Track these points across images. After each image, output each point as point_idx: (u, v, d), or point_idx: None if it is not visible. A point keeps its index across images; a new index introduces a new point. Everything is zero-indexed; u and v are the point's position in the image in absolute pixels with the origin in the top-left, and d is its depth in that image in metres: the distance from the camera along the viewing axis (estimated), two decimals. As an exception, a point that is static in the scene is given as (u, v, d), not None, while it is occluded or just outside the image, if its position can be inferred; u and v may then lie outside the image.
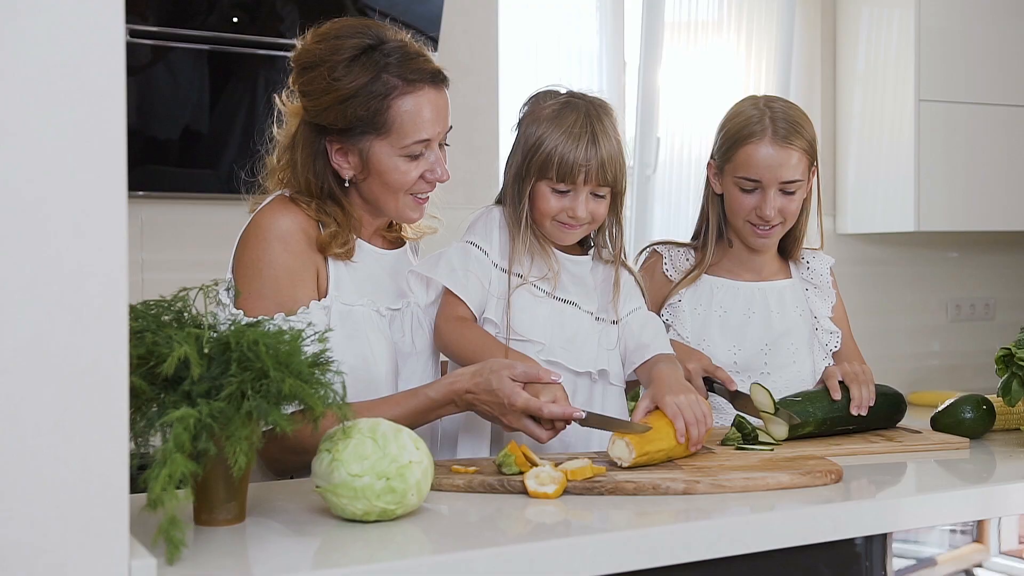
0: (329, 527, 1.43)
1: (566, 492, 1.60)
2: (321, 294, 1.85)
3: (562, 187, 1.92)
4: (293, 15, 3.77)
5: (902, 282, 4.77)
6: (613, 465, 1.72)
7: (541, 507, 1.56)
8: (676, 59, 4.40)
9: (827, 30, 4.64)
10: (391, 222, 2.01)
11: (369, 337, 1.86)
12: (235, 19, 3.42)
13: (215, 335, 1.38)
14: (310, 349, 1.48)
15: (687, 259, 2.33)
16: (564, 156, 1.89)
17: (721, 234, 2.31)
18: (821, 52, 4.63)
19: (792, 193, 2.19)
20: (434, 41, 3.66)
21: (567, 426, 1.77)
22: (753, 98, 2.27)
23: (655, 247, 2.36)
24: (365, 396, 1.83)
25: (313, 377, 1.37)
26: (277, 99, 1.96)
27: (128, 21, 3.20)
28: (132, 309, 1.40)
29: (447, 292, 1.95)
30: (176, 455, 1.23)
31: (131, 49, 3.23)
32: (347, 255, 1.88)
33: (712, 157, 2.29)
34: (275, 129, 1.97)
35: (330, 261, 1.87)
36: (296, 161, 1.89)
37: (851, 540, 1.59)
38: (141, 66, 3.36)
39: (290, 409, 1.39)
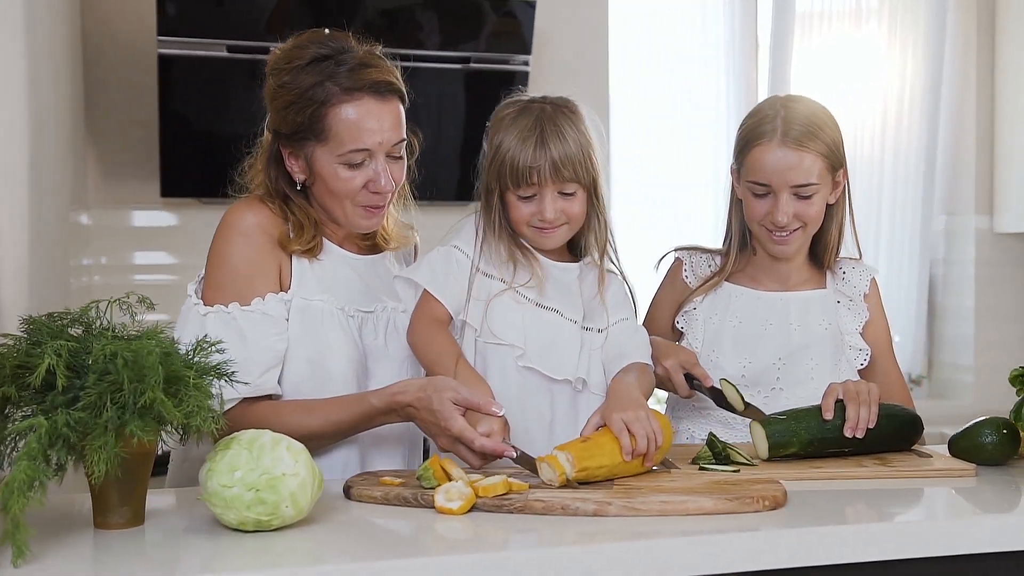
0: (218, 535, 1.46)
1: (476, 509, 1.57)
2: (283, 289, 1.89)
3: (524, 192, 1.91)
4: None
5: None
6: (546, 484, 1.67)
7: (447, 523, 1.54)
8: (809, 52, 4.22)
9: (984, 16, 4.31)
10: None
11: (328, 333, 1.89)
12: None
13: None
14: (215, 359, 1.53)
15: (709, 266, 2.23)
16: (515, 161, 1.89)
17: (745, 241, 2.20)
18: (977, 41, 4.31)
19: (808, 197, 2.06)
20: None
21: (499, 458, 1.74)
22: (774, 98, 2.14)
23: (677, 253, 2.28)
24: (320, 391, 1.87)
25: (180, 389, 1.40)
26: None
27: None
28: (32, 320, 1.48)
29: (426, 292, 1.95)
30: (23, 462, 1.30)
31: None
32: (311, 253, 1.92)
33: (733, 160, 2.19)
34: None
35: (294, 258, 1.91)
36: (260, 162, 1.95)
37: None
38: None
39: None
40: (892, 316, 4.30)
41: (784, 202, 2.05)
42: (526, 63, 3.66)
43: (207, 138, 3.39)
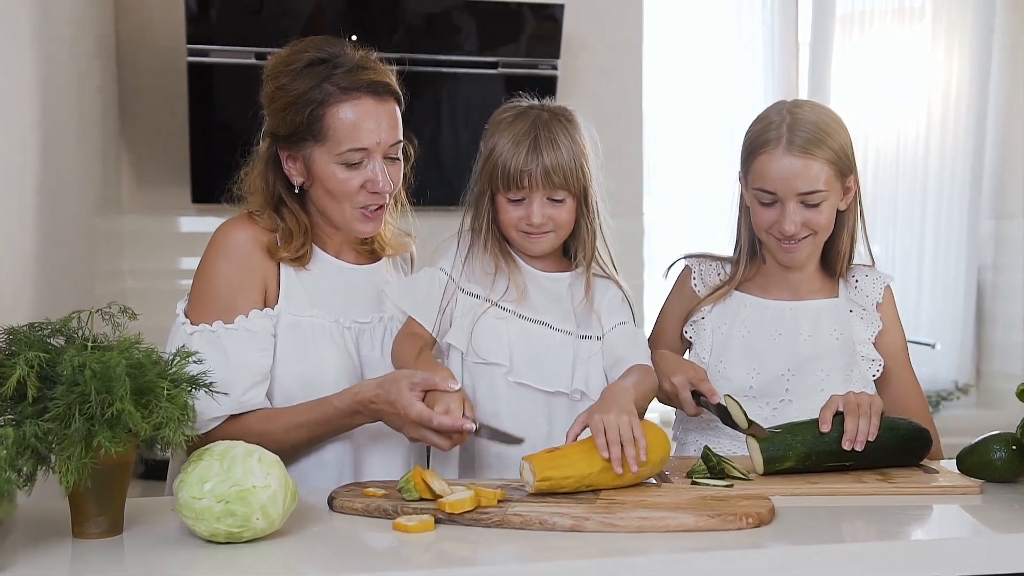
0: (192, 547, 1.46)
1: (453, 522, 1.56)
2: (270, 304, 1.89)
3: (513, 195, 1.93)
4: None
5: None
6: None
7: (421, 537, 1.52)
8: (851, 53, 4.14)
9: (1034, 12, 4.20)
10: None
11: (318, 347, 1.90)
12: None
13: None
14: (195, 370, 1.54)
15: (718, 274, 2.19)
16: (506, 163, 1.91)
17: (754, 250, 2.16)
18: (1027, 37, 4.20)
19: (816, 205, 2.01)
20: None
21: (466, 437, 1.73)
22: (780, 103, 2.10)
23: (686, 260, 2.24)
24: None
25: (151, 401, 1.41)
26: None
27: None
28: (12, 331, 1.50)
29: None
30: (-11, 472, 1.31)
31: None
32: (300, 262, 1.92)
33: (740, 167, 2.14)
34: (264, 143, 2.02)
35: (283, 271, 1.91)
36: (257, 168, 1.96)
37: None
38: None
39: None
40: (938, 323, 4.24)
41: (791, 211, 2.01)
42: (555, 67, 3.64)
43: (236, 145, 3.42)
